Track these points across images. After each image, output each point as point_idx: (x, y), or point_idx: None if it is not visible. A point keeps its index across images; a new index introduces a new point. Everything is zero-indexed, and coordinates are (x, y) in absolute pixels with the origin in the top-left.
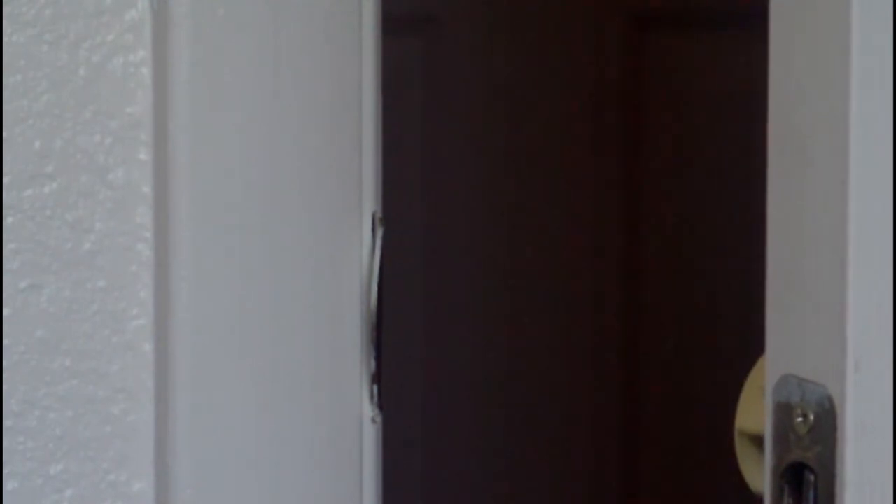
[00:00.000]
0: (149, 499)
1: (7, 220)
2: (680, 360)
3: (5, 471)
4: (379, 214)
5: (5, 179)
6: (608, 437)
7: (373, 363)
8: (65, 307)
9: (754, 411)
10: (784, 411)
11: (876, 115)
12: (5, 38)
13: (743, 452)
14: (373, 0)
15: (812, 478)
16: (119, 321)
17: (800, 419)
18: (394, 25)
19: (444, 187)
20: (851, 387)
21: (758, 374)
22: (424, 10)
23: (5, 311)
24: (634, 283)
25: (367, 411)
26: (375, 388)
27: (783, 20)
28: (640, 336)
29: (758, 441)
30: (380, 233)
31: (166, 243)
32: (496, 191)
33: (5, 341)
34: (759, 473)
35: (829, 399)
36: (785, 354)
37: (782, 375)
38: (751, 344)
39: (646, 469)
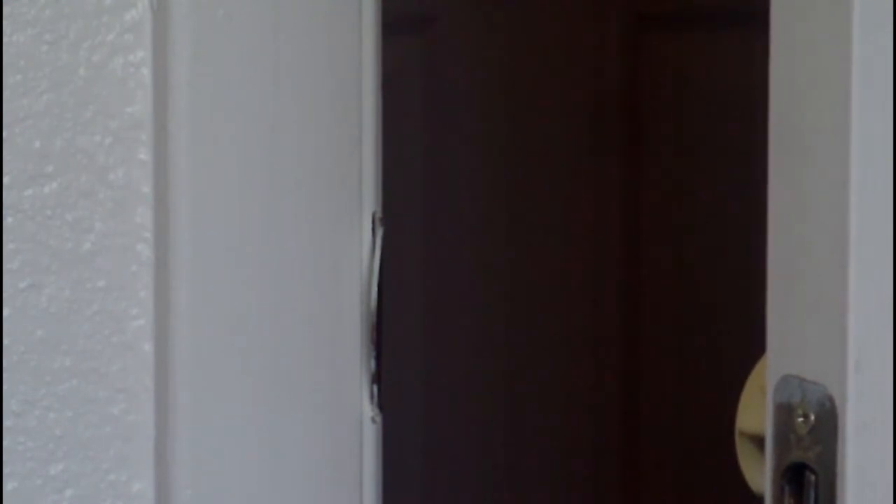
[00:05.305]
0: (149, 499)
1: (7, 220)
2: (680, 361)
3: (5, 471)
4: (379, 214)
5: (5, 179)
6: (608, 438)
7: (373, 363)
8: (65, 307)
9: (755, 412)
10: (785, 412)
11: (877, 114)
12: (5, 38)
13: (743, 453)
14: (373, 0)
15: (813, 478)
16: (119, 321)
17: (800, 419)
18: (394, 25)
19: (444, 187)
20: (852, 387)
21: (758, 375)
22: (424, 10)
23: (5, 311)
24: (635, 282)
25: (367, 411)
26: (375, 388)
27: (784, 20)
28: (641, 336)
29: (758, 441)
30: (380, 233)
31: (166, 243)
32: (496, 191)
33: (5, 341)
34: (760, 474)
35: (830, 399)
36: (786, 355)
37: (783, 376)
38: (751, 344)
39: (646, 469)
